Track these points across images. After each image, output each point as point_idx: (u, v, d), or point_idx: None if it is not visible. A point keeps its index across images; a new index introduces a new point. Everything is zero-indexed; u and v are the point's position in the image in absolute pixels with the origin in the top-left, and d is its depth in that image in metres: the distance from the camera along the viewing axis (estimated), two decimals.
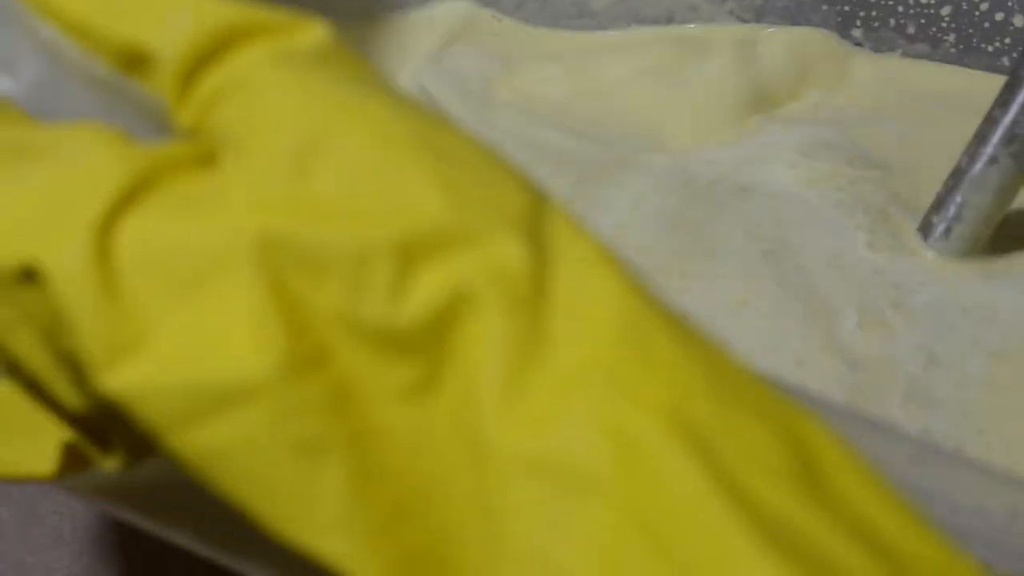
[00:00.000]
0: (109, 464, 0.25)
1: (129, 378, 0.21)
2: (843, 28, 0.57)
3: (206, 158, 0.23)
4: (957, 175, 0.48)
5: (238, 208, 0.22)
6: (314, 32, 0.23)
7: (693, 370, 0.21)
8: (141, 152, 0.22)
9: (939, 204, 0.49)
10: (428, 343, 0.21)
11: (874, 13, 0.56)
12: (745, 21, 0.57)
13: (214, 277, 0.21)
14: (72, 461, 0.25)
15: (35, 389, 0.24)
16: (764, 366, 0.23)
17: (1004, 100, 0.47)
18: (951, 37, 0.56)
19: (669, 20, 0.57)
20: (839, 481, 0.21)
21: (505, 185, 0.22)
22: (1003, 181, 0.48)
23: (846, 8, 0.56)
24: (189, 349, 0.21)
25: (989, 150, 0.47)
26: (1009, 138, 0.47)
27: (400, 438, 0.21)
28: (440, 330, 0.21)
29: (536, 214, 0.22)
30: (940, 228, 0.49)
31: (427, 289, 0.21)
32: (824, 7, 0.56)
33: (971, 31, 0.56)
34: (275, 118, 0.22)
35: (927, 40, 0.57)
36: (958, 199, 0.48)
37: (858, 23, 0.56)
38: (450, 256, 0.21)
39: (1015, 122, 0.47)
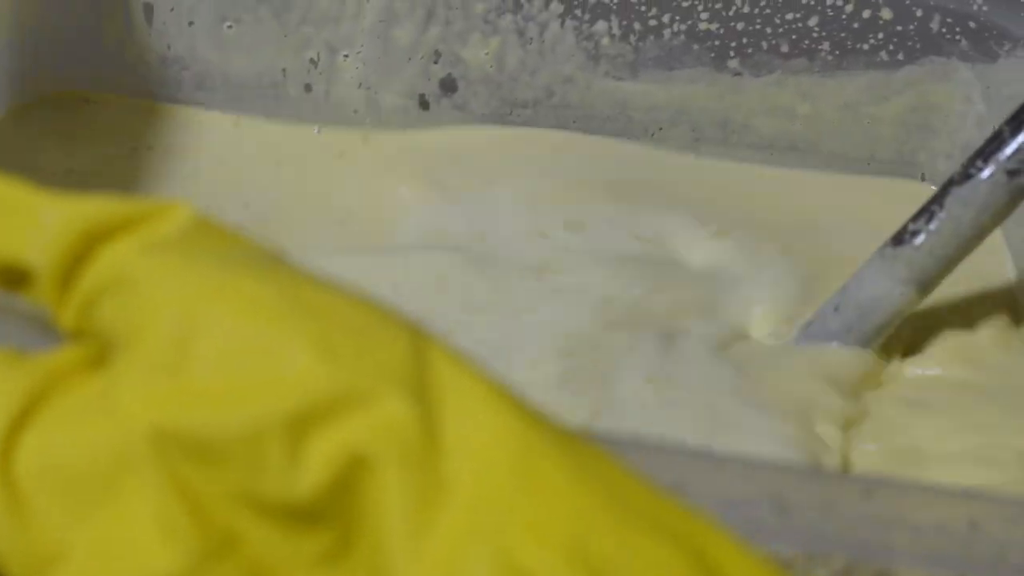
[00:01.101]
0: None
1: None
2: (718, 62, 0.57)
3: (95, 359, 0.23)
4: None
5: (128, 409, 0.22)
6: (178, 215, 0.24)
7: (590, 497, 0.21)
8: (32, 368, 0.23)
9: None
10: (332, 510, 0.21)
11: (745, 40, 0.57)
12: (621, 79, 0.57)
13: (116, 481, 0.22)
14: None
15: None
16: None
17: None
18: (825, 45, 0.57)
19: (550, 94, 0.58)
20: None
21: (384, 337, 0.22)
22: None
23: (716, 43, 0.57)
24: (102, 561, 0.21)
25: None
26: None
27: None
28: (342, 495, 0.21)
29: (418, 361, 0.22)
30: None
31: (322, 457, 0.21)
32: (695, 47, 0.57)
33: (843, 35, 0.57)
34: (151, 310, 0.22)
35: (803, 54, 0.57)
36: None
37: (731, 54, 0.57)
38: (339, 421, 0.21)
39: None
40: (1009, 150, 0.47)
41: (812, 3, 0.56)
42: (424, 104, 0.58)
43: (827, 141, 0.59)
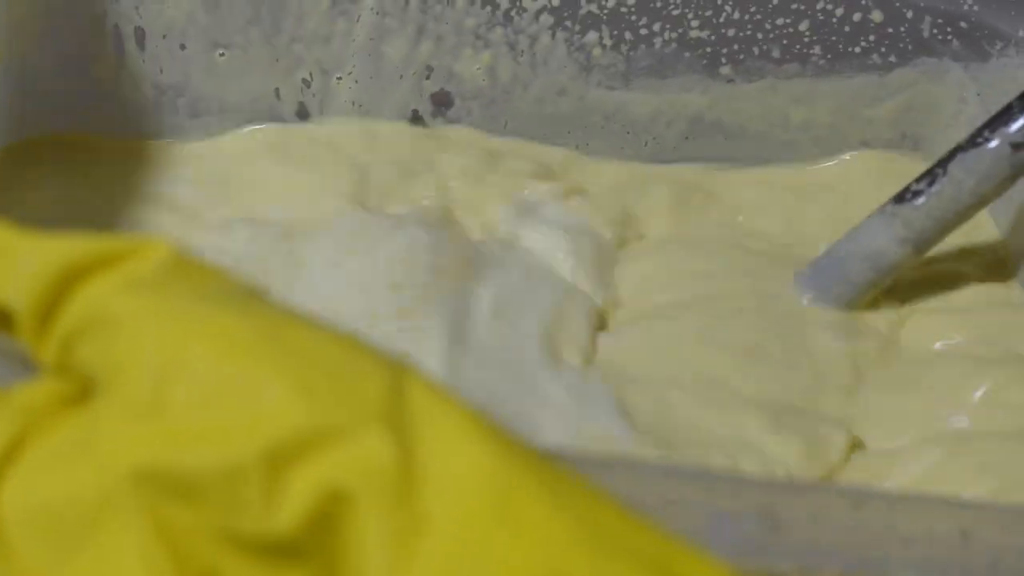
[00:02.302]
0: None
1: None
2: (710, 69, 0.57)
3: (75, 396, 0.23)
4: None
5: (108, 450, 0.22)
6: (156, 252, 0.24)
7: (567, 530, 0.21)
8: (14, 407, 0.23)
9: None
10: (312, 545, 0.21)
11: (736, 47, 0.57)
12: (614, 89, 0.58)
13: (98, 522, 0.22)
14: None
15: None
16: None
17: None
18: (817, 49, 0.57)
19: (540, 102, 0.58)
20: None
21: (359, 373, 0.22)
22: None
23: (708, 49, 0.57)
24: None
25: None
26: None
27: None
28: (321, 531, 0.21)
29: (394, 397, 0.22)
30: None
31: (300, 494, 0.21)
32: (687, 54, 0.57)
33: (834, 38, 0.57)
34: (129, 350, 0.23)
35: (795, 59, 0.57)
36: None
37: (723, 60, 0.57)
38: (317, 458, 0.21)
39: None
40: (1016, 125, 0.49)
41: (802, 8, 0.56)
42: (418, 120, 0.58)
43: (821, 144, 0.59)
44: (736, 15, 0.56)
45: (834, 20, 0.57)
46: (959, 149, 0.50)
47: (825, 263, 0.53)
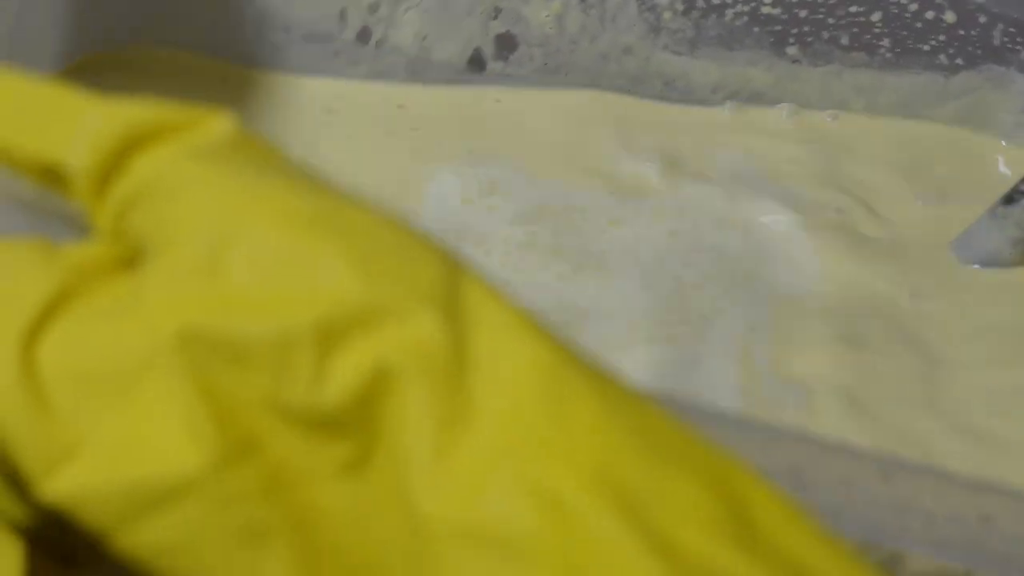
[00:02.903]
0: (72, 574, 0.25)
1: (67, 485, 0.21)
2: (777, 47, 0.57)
3: (127, 261, 0.23)
4: None
5: (157, 309, 0.22)
6: (220, 125, 0.24)
7: (617, 427, 0.21)
8: (61, 263, 0.23)
9: None
10: (356, 422, 0.21)
11: (806, 29, 0.57)
12: (680, 54, 0.57)
13: (140, 379, 0.22)
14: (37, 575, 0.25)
15: None
16: None
17: None
18: (886, 42, 0.57)
19: (604, 58, 0.58)
20: (769, 526, 0.21)
21: (418, 258, 0.22)
22: None
23: (777, 28, 0.57)
24: (122, 451, 0.21)
25: None
26: None
27: (339, 517, 0.21)
28: (366, 408, 0.21)
29: (451, 284, 0.22)
30: None
31: (349, 369, 0.21)
32: (756, 29, 0.57)
33: (904, 33, 0.57)
34: (187, 216, 0.23)
35: (862, 48, 0.57)
36: None
37: (791, 40, 0.57)
38: (368, 335, 0.21)
39: None
40: None
41: None
42: (479, 60, 0.58)
43: None
44: None
45: (907, 15, 0.56)
46: None
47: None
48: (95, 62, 0.55)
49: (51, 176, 0.24)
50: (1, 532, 0.25)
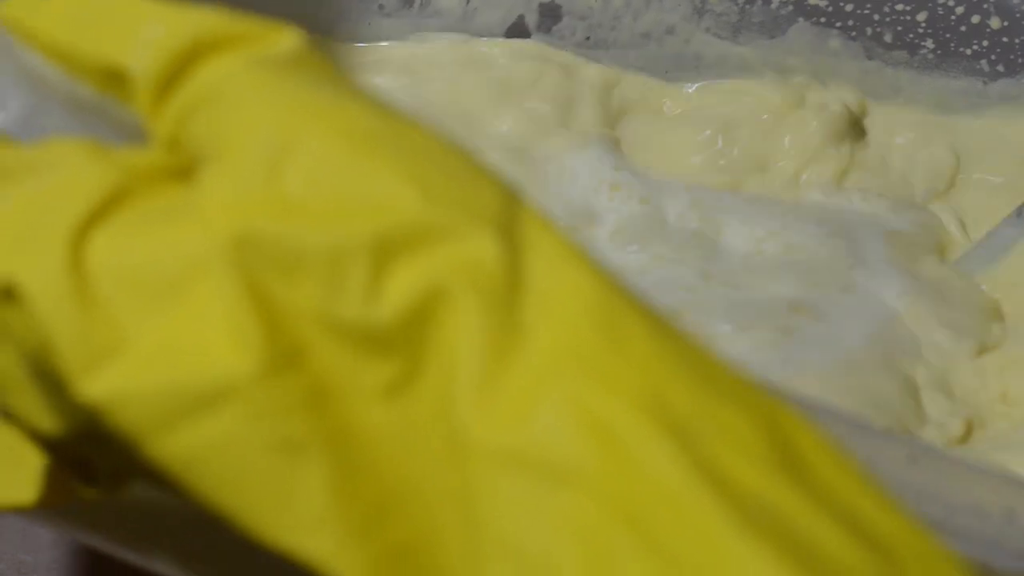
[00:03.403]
0: (91, 493, 0.25)
1: (107, 384, 0.21)
2: (821, 38, 0.57)
3: (182, 170, 0.23)
4: None
5: (211, 213, 0.22)
6: (285, 39, 0.24)
7: (669, 359, 0.21)
8: (116, 163, 0.23)
9: None
10: (405, 340, 0.21)
11: (850, 23, 0.56)
12: (722, 38, 0.57)
13: (189, 282, 0.21)
14: (55, 489, 0.25)
15: (13, 414, 0.24)
16: None
17: None
18: (928, 43, 0.57)
19: (646, 37, 0.57)
20: (818, 467, 0.21)
21: (477, 182, 0.22)
22: None
23: (821, 20, 0.56)
24: (166, 353, 0.21)
25: None
26: None
27: (380, 435, 0.21)
28: (416, 327, 0.21)
29: (508, 210, 0.22)
30: None
31: (402, 286, 0.21)
32: (800, 19, 0.57)
33: (948, 35, 0.56)
34: (247, 124, 0.22)
35: (905, 47, 0.57)
36: None
37: (835, 33, 0.57)
38: (424, 253, 0.21)
39: None
40: None
41: None
42: (521, 28, 0.57)
43: None
44: None
45: (952, 18, 0.56)
46: None
47: (965, 267, 0.52)
48: None
49: (112, 81, 0.24)
50: (25, 444, 0.24)
